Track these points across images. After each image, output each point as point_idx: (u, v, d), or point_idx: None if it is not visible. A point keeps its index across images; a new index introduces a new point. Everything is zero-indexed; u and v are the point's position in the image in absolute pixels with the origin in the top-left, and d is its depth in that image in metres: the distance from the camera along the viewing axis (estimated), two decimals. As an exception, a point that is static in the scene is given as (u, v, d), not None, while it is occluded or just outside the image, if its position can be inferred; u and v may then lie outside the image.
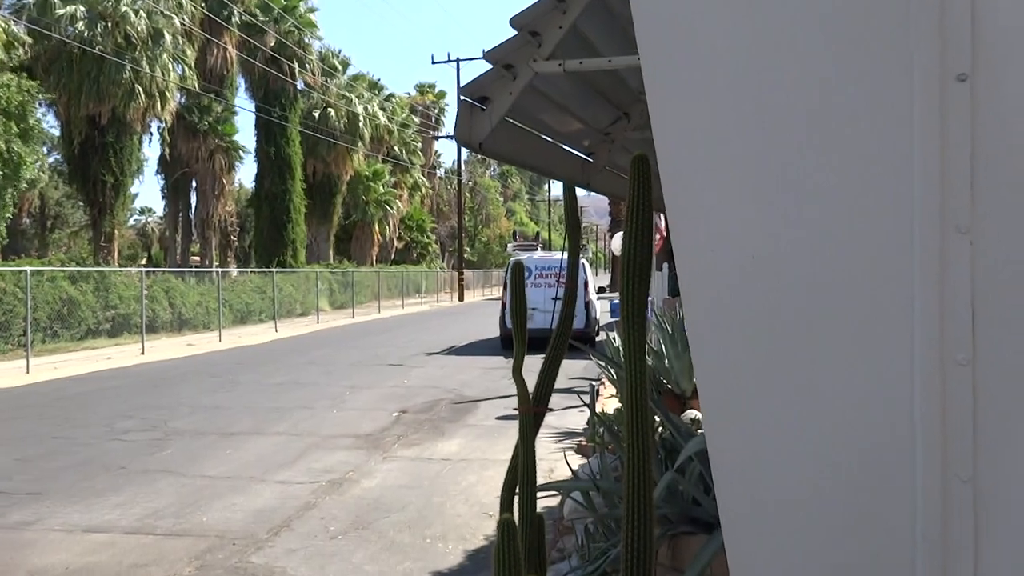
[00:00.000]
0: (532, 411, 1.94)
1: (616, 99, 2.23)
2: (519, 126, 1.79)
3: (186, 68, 20.48)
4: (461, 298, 32.08)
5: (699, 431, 3.60)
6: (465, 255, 44.38)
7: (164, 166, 26.30)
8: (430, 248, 40.81)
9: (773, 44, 0.84)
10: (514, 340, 2.05)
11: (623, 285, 1.39)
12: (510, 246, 15.56)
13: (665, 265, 8.28)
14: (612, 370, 5.11)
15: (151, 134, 24.68)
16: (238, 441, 5.95)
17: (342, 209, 32.10)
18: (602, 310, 14.58)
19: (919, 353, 0.79)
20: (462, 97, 1.54)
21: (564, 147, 2.28)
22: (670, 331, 4.84)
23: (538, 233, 16.16)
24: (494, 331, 15.05)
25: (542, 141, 2.04)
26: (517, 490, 1.77)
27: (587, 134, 2.29)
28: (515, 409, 1.81)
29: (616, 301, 12.91)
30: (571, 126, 2.16)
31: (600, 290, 13.81)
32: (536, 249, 14.70)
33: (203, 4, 22.36)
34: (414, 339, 14.94)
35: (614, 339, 6.13)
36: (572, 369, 9.43)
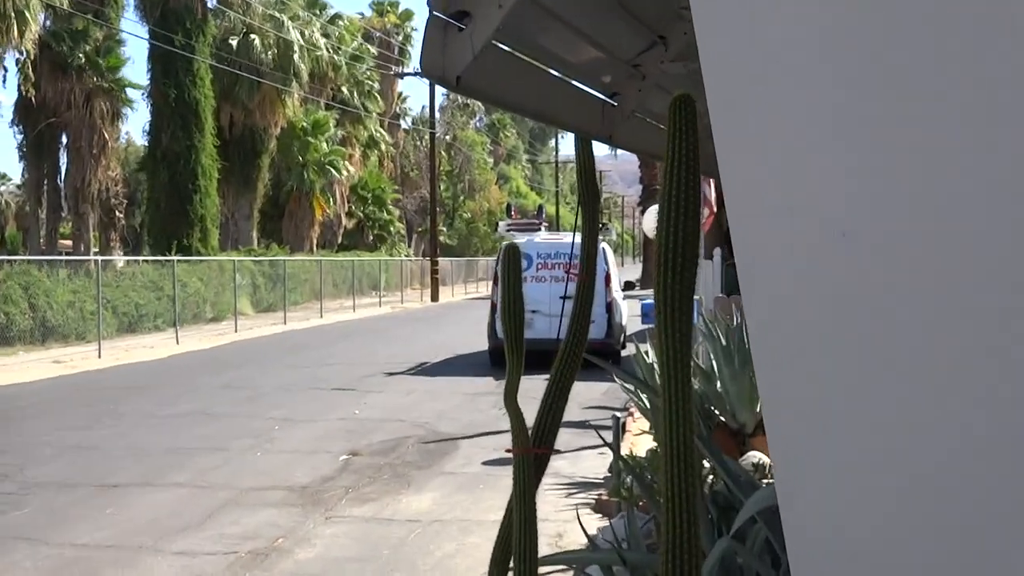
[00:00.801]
0: (531, 453, 1.93)
1: (648, 15, 2.19)
2: (512, 54, 1.69)
3: (52, -23, 21.65)
4: (435, 297, 31.64)
5: (765, 480, 3.58)
6: (441, 238, 43.16)
7: (23, 115, 24.86)
8: (392, 228, 40.13)
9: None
10: (507, 355, 2.04)
11: (659, 279, 1.38)
12: (503, 225, 14.95)
13: (717, 252, 8.13)
14: (644, 397, 5.12)
15: (4, 70, 23.92)
16: (122, 496, 5.85)
17: (270, 174, 31.16)
18: (630, 313, 14.63)
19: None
20: (432, 12, 1.49)
21: (576, 84, 2.20)
22: (723, 342, 4.86)
23: (541, 207, 16.06)
24: (480, 342, 14.86)
25: (545, 76, 1.96)
26: (511, 564, 1.75)
27: (608, 66, 2.22)
28: (508, 451, 1.82)
29: (650, 301, 12.95)
30: (586, 54, 2.10)
31: (628, 285, 13.98)
32: (538, 229, 14.39)
33: None
34: (370, 353, 14.88)
35: (647, 353, 6.16)
36: (589, 395, 9.39)
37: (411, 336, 18.05)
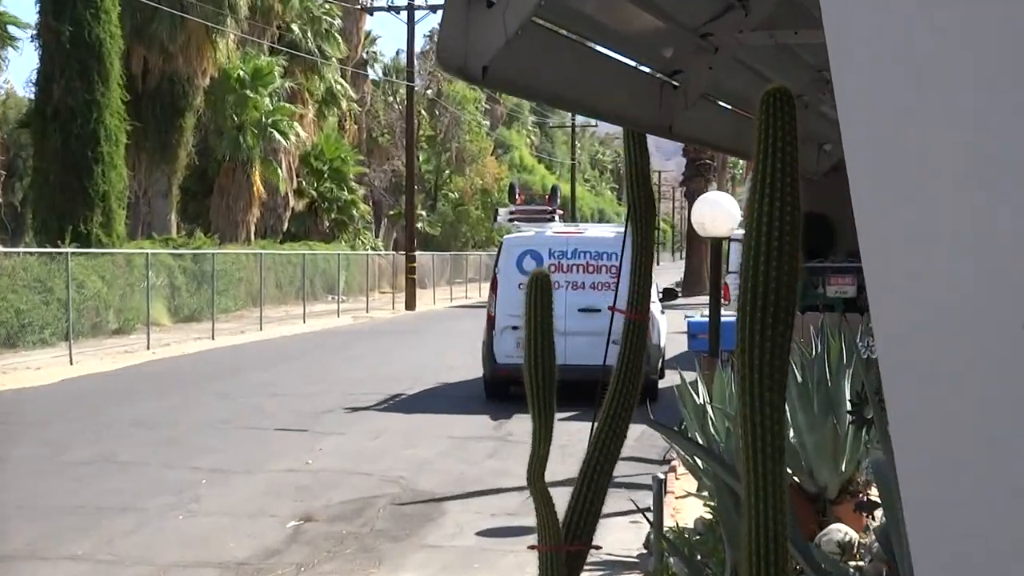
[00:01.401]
0: (563, 550, 1.97)
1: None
2: (553, 30, 1.73)
3: None
4: (411, 304, 31.76)
5: (852, 566, 3.50)
6: (420, 225, 42.53)
7: None
8: (355, 211, 39.30)
9: None
10: (532, 417, 2.15)
11: (744, 335, 1.44)
12: (503, 213, 15.40)
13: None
14: (692, 453, 5.19)
15: None
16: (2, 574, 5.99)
17: (196, 139, 30.49)
18: (670, 330, 14.78)
19: None
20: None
21: (629, 63, 2.27)
22: (799, 378, 4.92)
23: (555, 189, 16.24)
24: (472, 366, 14.95)
25: (590, 55, 2.03)
26: None
27: (670, 37, 2.29)
28: (532, 547, 1.81)
29: (699, 319, 12.92)
30: (643, 23, 2.14)
31: (668, 294, 14.22)
32: (551, 218, 14.77)
33: None
34: (326, 380, 14.89)
35: (695, 385, 6.11)
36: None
37: (381, 356, 17.96)
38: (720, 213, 8.10)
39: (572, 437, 7.89)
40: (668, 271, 54.57)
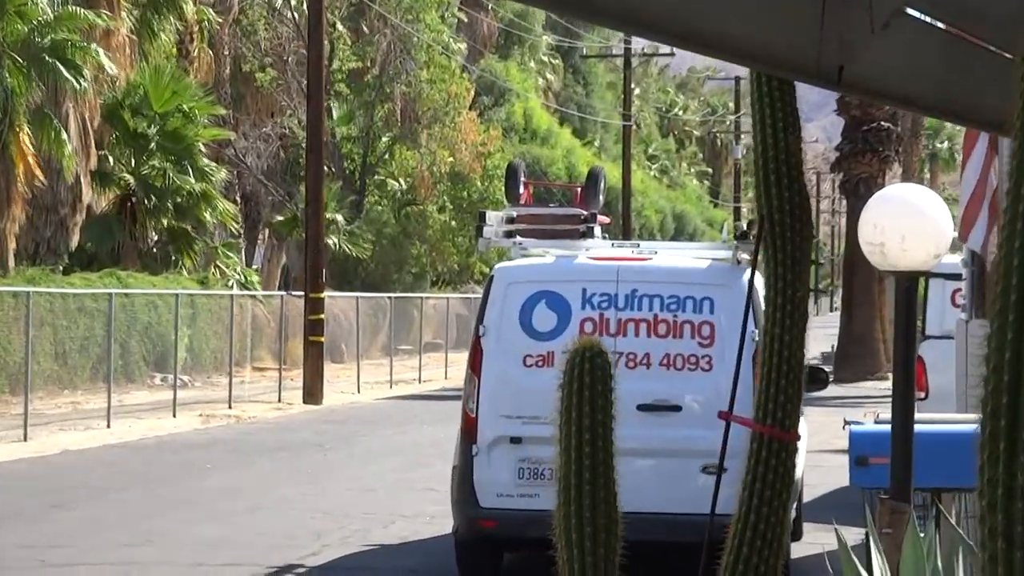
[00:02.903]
0: None
1: None
2: None
3: None
4: (314, 392, 29.00)
5: None
6: (333, 242, 39.83)
7: None
8: (210, 213, 35.06)
9: None
10: None
11: (1003, 404, 1.50)
12: (495, 219, 12.77)
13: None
14: None
15: None
16: None
17: None
18: (814, 446, 13.88)
19: None
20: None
21: None
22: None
23: (595, 173, 13.86)
24: (432, 512, 14.64)
25: None
26: None
27: None
28: None
29: (870, 427, 12.04)
30: None
31: (814, 377, 12.69)
32: (587, 230, 12.63)
33: None
34: (149, 542, 13.75)
35: (866, 555, 5.34)
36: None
37: (254, 496, 16.49)
38: (918, 226, 6.73)
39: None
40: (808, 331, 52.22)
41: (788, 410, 2.64)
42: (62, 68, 28.21)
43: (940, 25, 2.85)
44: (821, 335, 43.21)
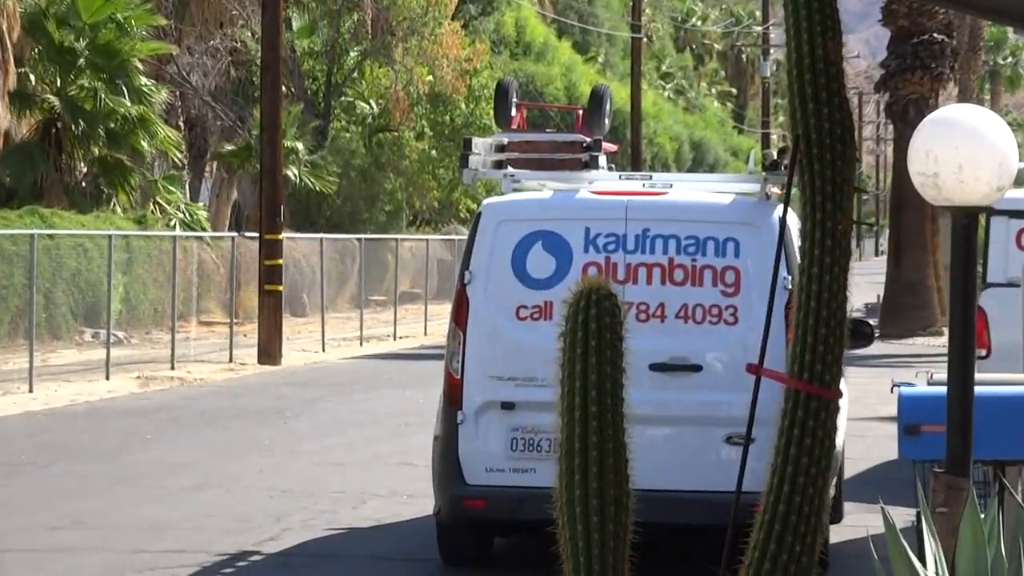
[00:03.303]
0: None
1: None
2: None
3: None
4: (271, 350, 29.46)
5: None
6: (293, 174, 40.13)
7: None
8: (148, 141, 35.29)
9: None
10: None
11: None
12: (483, 147, 12.93)
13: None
14: None
15: None
16: None
17: None
18: (856, 413, 14.29)
19: None
20: None
21: None
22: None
23: (599, 93, 14.04)
24: (410, 490, 14.79)
25: None
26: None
27: None
28: None
29: (922, 389, 11.92)
30: None
31: (857, 331, 12.60)
32: (590, 159, 12.92)
33: None
34: (85, 525, 14.44)
35: (918, 538, 5.29)
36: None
37: (205, 470, 16.70)
38: (977, 154, 6.64)
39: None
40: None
41: (828, 362, 2.67)
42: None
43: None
44: (865, 284, 43.17)
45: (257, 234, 29.65)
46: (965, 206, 6.84)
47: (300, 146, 41.01)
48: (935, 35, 34.23)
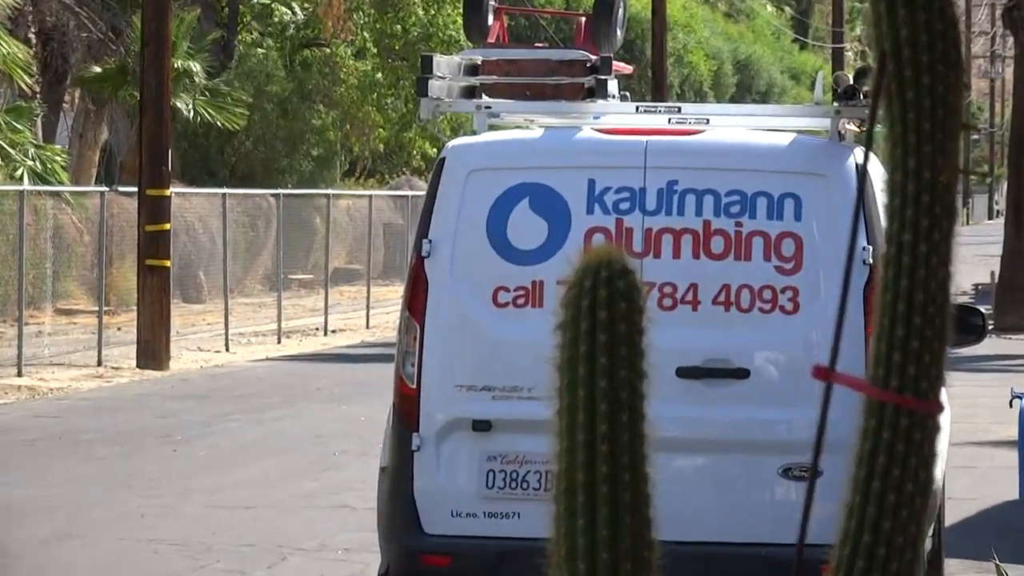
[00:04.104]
0: None
1: None
2: None
3: None
4: (156, 348, 30.28)
5: None
6: (186, 106, 41.92)
7: None
8: None
9: None
10: None
11: None
12: (448, 66, 13.20)
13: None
14: None
15: None
16: None
17: None
18: (960, 438, 14.81)
19: None
20: None
21: None
22: None
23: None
24: (351, 540, 15.45)
25: None
26: None
27: None
28: None
29: None
30: None
31: (964, 321, 13.27)
32: (596, 86, 13.22)
33: None
34: None
35: None
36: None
37: (67, 516, 17.20)
38: None
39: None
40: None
41: (925, 364, 2.67)
42: None
43: None
44: (974, 257, 43.57)
45: (136, 188, 29.53)
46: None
47: (196, 67, 41.15)
48: None
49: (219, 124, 41.89)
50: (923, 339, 2.96)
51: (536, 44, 15.97)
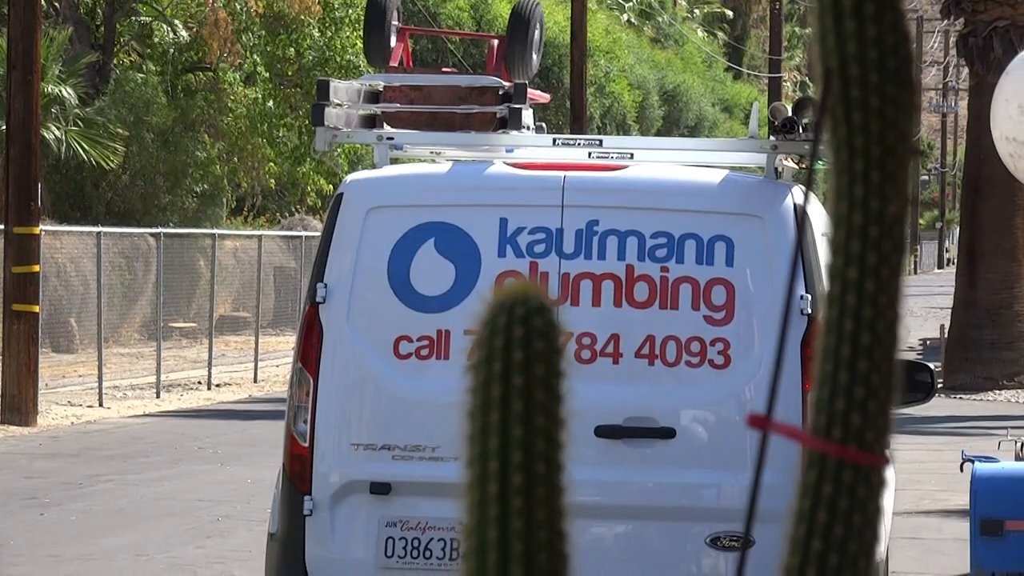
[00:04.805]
0: None
1: None
2: None
3: None
4: (18, 404, 31.37)
5: None
6: (55, 137, 42.33)
7: None
8: None
9: None
10: None
11: None
12: (344, 98, 13.31)
13: None
14: None
15: None
16: None
17: None
18: (904, 506, 15.00)
19: None
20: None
21: None
22: None
23: (528, 18, 14.24)
24: None
25: None
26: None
27: None
28: None
29: (1005, 466, 12.40)
30: None
31: (912, 379, 12.45)
32: (509, 116, 13.56)
33: None
34: None
35: None
36: None
37: None
38: None
39: None
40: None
41: (870, 413, 2.65)
42: None
43: None
44: (921, 309, 43.77)
45: (1, 226, 29.26)
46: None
47: (69, 92, 40.80)
48: None
49: (93, 158, 41.54)
50: (869, 386, 2.88)
51: (444, 69, 15.97)
